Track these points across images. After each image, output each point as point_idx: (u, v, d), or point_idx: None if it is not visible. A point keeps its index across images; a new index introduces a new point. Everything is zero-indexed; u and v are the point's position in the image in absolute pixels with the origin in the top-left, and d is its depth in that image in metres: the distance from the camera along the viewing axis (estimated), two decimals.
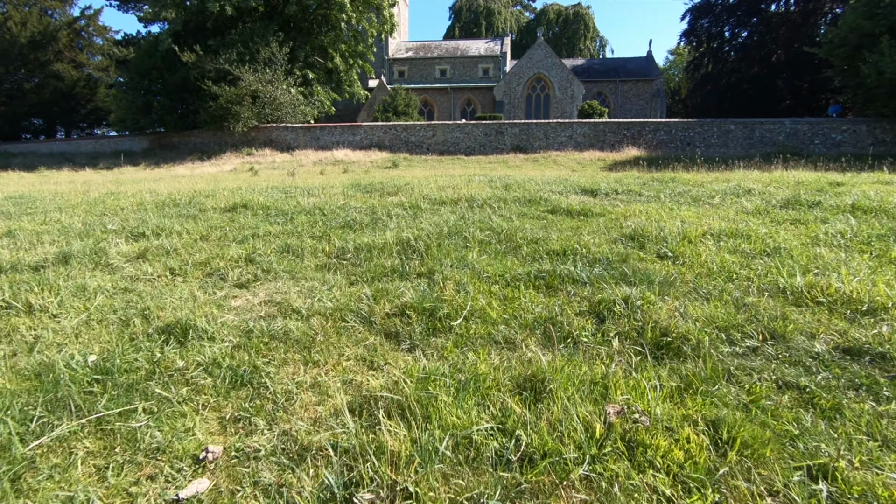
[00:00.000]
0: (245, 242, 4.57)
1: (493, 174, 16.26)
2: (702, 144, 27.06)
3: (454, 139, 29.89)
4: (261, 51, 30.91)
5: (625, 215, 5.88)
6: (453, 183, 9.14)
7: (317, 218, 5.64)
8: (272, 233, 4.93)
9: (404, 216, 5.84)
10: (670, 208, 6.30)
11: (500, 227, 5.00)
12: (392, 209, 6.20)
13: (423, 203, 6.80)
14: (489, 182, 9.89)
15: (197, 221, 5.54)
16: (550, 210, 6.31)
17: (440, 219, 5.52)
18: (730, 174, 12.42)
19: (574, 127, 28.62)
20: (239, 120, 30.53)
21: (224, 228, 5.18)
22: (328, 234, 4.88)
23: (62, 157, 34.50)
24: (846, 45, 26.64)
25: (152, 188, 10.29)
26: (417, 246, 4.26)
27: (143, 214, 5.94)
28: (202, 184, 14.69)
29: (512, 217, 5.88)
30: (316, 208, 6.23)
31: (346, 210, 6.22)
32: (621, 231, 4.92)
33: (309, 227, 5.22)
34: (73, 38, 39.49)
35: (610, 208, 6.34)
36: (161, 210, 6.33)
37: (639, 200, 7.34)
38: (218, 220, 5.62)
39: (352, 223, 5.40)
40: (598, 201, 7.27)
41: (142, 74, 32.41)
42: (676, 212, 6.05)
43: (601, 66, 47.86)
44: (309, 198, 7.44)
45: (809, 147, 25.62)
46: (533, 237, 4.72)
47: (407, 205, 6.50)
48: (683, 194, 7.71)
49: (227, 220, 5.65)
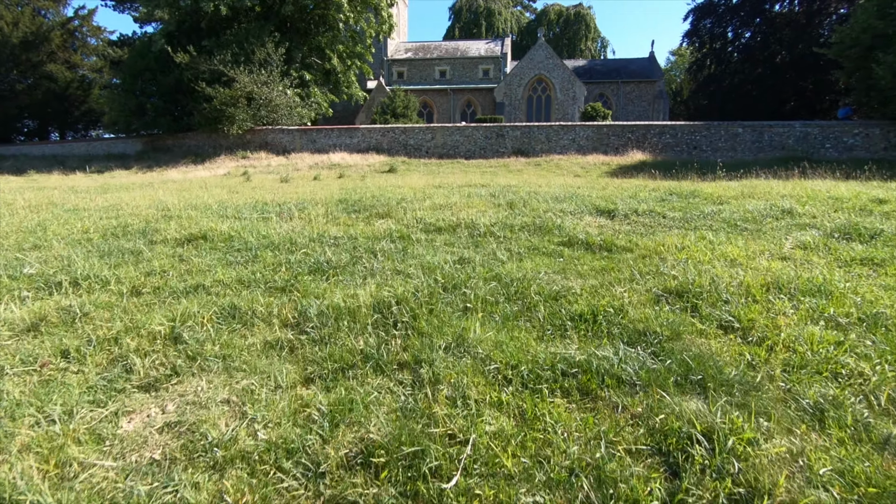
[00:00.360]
0: (183, 299, 3.50)
1: (495, 182, 15.18)
2: (709, 148, 25.97)
3: (454, 142, 28.80)
4: (256, 52, 29.80)
5: (657, 251, 4.81)
6: (451, 200, 8.06)
7: (284, 257, 4.55)
8: (223, 281, 3.86)
9: (391, 252, 4.76)
10: (709, 240, 5.23)
11: (508, 275, 3.91)
12: (378, 242, 5.12)
13: (416, 230, 5.73)
14: (491, 197, 8.81)
15: (138, 262, 4.47)
16: (566, 242, 5.23)
17: (434, 259, 4.45)
18: (751, 185, 11.33)
19: (577, 130, 27.52)
20: (234, 122, 29.44)
21: (167, 273, 4.11)
22: (292, 283, 3.81)
23: (54, 160, 33.42)
24: (857, 45, 25.53)
25: (118, 203, 9.20)
26: (401, 313, 3.19)
27: (79, 250, 4.86)
28: (185, 193, 13.61)
29: (521, 253, 4.81)
30: (288, 240, 5.15)
31: (324, 242, 5.15)
32: (661, 281, 3.84)
33: (272, 272, 4.14)
34: (66, 39, 38.28)
35: (636, 239, 5.27)
36: (106, 241, 5.27)
37: (665, 225, 6.27)
38: (165, 261, 4.54)
39: (325, 265, 4.31)
40: (618, 226, 6.21)
41: (135, 76, 31.30)
42: (718, 246, 4.98)
43: (603, 67, 46.71)
44: (285, 222, 6.36)
45: (820, 151, 24.52)
46: (550, 290, 3.65)
47: (396, 234, 5.42)
48: (714, 216, 6.64)
49: (177, 259, 4.58)
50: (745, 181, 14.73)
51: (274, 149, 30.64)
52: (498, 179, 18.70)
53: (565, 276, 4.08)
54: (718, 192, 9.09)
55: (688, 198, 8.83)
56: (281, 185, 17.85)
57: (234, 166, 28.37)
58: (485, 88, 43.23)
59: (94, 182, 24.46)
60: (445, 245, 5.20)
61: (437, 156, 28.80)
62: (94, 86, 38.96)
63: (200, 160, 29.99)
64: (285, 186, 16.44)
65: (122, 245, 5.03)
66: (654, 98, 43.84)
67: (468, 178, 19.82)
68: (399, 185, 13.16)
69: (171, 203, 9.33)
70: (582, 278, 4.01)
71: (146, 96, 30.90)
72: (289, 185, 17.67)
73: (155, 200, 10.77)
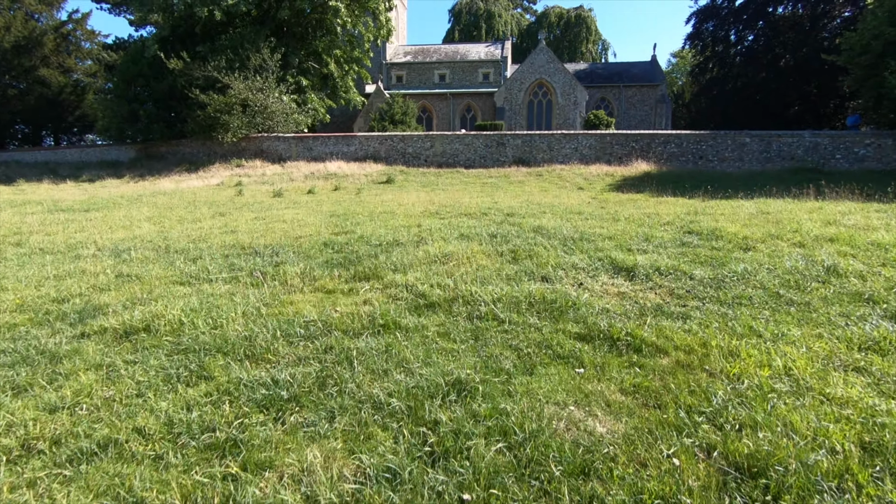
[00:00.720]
0: (71, 484, 2.54)
1: (495, 202, 14.20)
2: (715, 158, 24.98)
3: (453, 151, 27.81)
4: (251, 57, 28.76)
5: (700, 358, 3.84)
6: (448, 248, 7.07)
7: (236, 374, 3.58)
8: (146, 431, 2.88)
9: (371, 357, 3.80)
10: (759, 334, 4.26)
11: (519, 424, 2.95)
12: (356, 339, 4.16)
13: (404, 311, 4.77)
14: (492, 241, 7.82)
15: (52, 380, 3.51)
16: (585, 335, 4.27)
17: (424, 377, 3.48)
18: (768, 209, 10.31)
19: (579, 138, 26.52)
20: (228, 130, 28.44)
21: (80, 408, 3.15)
22: (235, 438, 2.86)
23: (45, 167, 32.45)
24: (868, 52, 24.51)
25: (85, 240, 8.15)
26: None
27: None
28: (169, 215, 12.57)
29: (531, 356, 3.85)
30: (245, 340, 4.17)
31: (291, 339, 4.18)
32: (723, 437, 2.87)
33: (213, 407, 3.18)
34: (59, 43, 37.16)
35: (669, 329, 4.31)
36: (30, 332, 4.31)
37: (696, 293, 5.31)
38: (86, 379, 3.56)
39: (285, 393, 3.35)
40: (641, 295, 5.24)
41: (127, 82, 30.28)
42: (773, 346, 4.02)
43: (604, 71, 45.61)
44: (256, 287, 5.41)
45: (830, 162, 23.53)
46: (575, 454, 2.69)
47: (380, 321, 4.45)
48: (749, 279, 5.66)
49: (104, 375, 3.62)
50: (759, 200, 13.74)
51: (269, 157, 29.65)
52: (498, 196, 17.71)
53: (590, 410, 3.12)
54: (743, 233, 8.10)
55: (709, 239, 7.85)
56: (273, 203, 16.88)
57: (228, 175, 27.38)
58: (485, 93, 42.14)
59: (83, 194, 23.48)
60: (439, 337, 4.24)
61: (436, 164, 27.82)
62: (88, 90, 37.88)
63: (194, 168, 29.00)
64: (275, 206, 15.46)
65: (43, 344, 4.07)
66: (657, 102, 42.78)
67: (467, 193, 18.81)
68: (394, 211, 12.17)
69: (144, 235, 8.27)
70: (613, 417, 3.04)
71: (139, 103, 29.89)
72: (280, 202, 16.69)
73: (128, 235, 9.79)
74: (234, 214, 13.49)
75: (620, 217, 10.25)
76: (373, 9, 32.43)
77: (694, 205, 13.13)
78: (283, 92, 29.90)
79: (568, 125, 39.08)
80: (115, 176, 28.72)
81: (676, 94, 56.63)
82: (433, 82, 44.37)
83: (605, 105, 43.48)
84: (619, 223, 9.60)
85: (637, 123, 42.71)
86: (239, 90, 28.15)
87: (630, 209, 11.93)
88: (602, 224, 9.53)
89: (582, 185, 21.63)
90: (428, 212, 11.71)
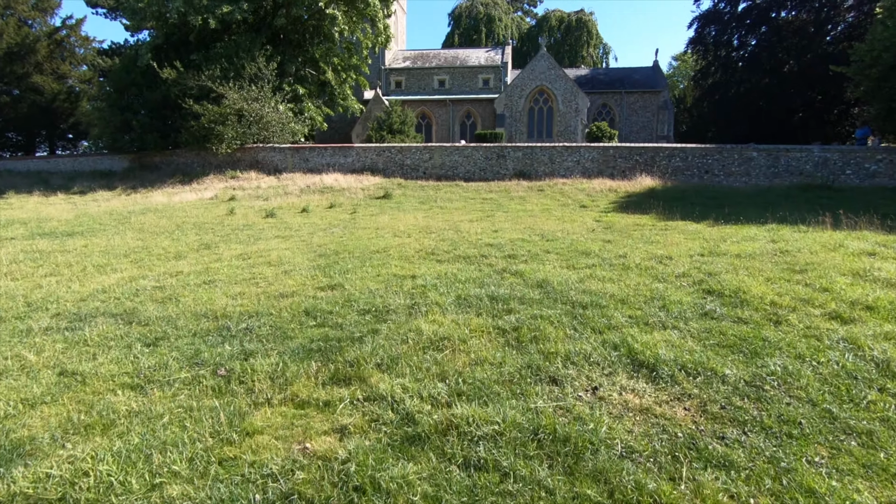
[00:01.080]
0: None
1: (496, 230, 13.28)
2: (721, 172, 24.06)
3: (452, 162, 26.90)
4: (246, 66, 27.82)
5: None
6: (444, 328, 6.19)
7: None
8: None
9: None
10: (821, 499, 3.38)
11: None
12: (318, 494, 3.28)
13: (385, 447, 3.89)
14: (492, 306, 6.93)
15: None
16: (609, 496, 3.39)
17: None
18: (787, 246, 9.40)
19: (582, 151, 25.59)
20: (222, 141, 27.52)
21: None
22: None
23: (38, 177, 31.55)
24: (878, 64, 23.59)
25: (48, 297, 7.20)
26: None
27: None
28: (150, 244, 11.64)
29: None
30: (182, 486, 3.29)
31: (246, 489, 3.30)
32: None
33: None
34: (53, 49, 36.10)
35: (712, 498, 3.44)
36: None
37: (726, 402, 4.42)
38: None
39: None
40: (667, 404, 4.35)
41: (120, 91, 29.30)
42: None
43: (606, 77, 44.57)
44: (216, 398, 4.53)
45: (840, 177, 22.61)
46: None
47: (354, 479, 3.56)
48: (791, 385, 4.77)
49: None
50: (772, 228, 12.83)
51: (265, 168, 28.76)
52: (498, 218, 16.78)
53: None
54: (769, 296, 7.17)
55: (733, 305, 6.93)
56: (264, 226, 15.99)
57: (222, 188, 26.48)
58: (485, 99, 41.14)
59: (71, 210, 22.58)
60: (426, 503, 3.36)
61: (434, 177, 26.92)
62: (82, 97, 36.83)
63: (188, 180, 28.10)
64: (266, 233, 14.57)
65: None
66: (659, 108, 41.79)
67: (466, 214, 17.89)
68: (388, 249, 11.27)
69: (114, 288, 7.35)
70: None
71: (132, 112, 28.92)
72: (271, 226, 15.79)
73: (98, 288, 8.89)
74: (219, 248, 12.58)
75: (630, 263, 9.33)
76: (371, 16, 31.44)
77: (704, 235, 12.22)
78: (280, 101, 28.98)
79: (569, 132, 38.11)
80: (107, 188, 27.81)
81: (678, 97, 55.61)
82: (433, 88, 43.34)
83: (606, 111, 42.50)
84: (629, 273, 8.68)
85: (639, 130, 41.76)
86: (234, 100, 27.23)
87: (638, 245, 11.00)
88: (611, 275, 8.62)
89: (585, 203, 20.71)
90: (424, 251, 10.81)
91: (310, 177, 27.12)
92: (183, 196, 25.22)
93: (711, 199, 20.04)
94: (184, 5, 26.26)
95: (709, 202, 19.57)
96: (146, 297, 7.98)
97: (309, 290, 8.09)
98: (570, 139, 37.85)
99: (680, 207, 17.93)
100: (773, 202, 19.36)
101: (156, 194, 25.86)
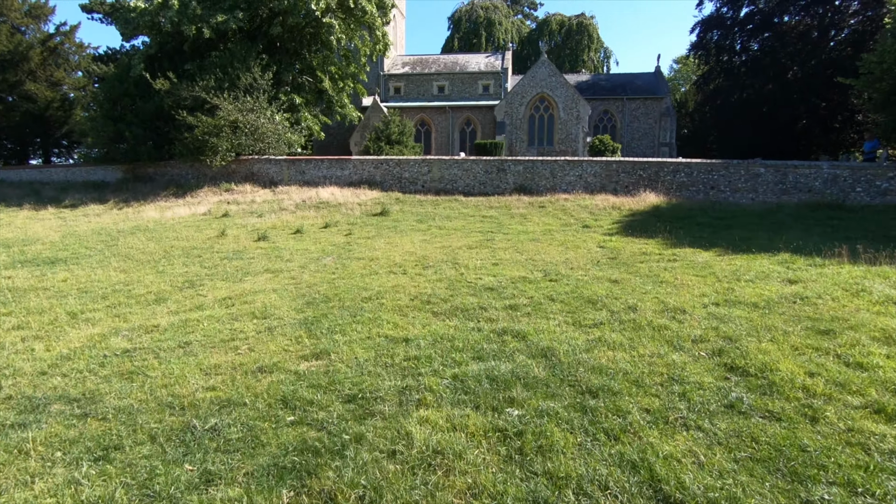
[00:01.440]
0: None
1: (496, 261, 12.46)
2: (727, 189, 23.20)
3: (451, 176, 26.06)
4: (241, 77, 26.95)
5: None
6: (434, 440, 5.37)
7: None
8: None
9: None
10: None
11: None
12: None
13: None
14: (492, 395, 6.14)
15: None
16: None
17: None
18: (825, 326, 8.60)
19: (584, 166, 24.75)
20: (217, 153, 26.65)
21: None
22: None
23: (30, 188, 30.74)
24: (887, 78, 22.71)
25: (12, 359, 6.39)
26: None
27: None
28: (133, 279, 10.85)
29: None
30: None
31: None
32: None
33: None
34: (47, 57, 35.17)
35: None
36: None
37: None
38: None
39: None
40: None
41: (113, 101, 28.43)
42: None
43: (607, 83, 43.63)
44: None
45: (850, 195, 21.74)
46: None
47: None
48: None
49: None
50: (787, 260, 12.03)
51: (260, 180, 27.91)
52: (498, 244, 15.91)
53: None
54: (800, 377, 6.36)
55: (762, 392, 6.12)
56: (254, 254, 15.18)
57: (216, 202, 25.64)
58: (485, 106, 40.22)
59: (60, 227, 21.77)
60: None
61: (433, 191, 26.10)
62: (76, 105, 35.95)
63: (182, 192, 27.26)
64: (255, 263, 13.77)
65: None
66: (661, 115, 40.89)
67: (465, 238, 17.06)
68: (381, 297, 10.46)
69: (80, 351, 6.54)
70: None
71: (125, 123, 28.05)
72: (262, 254, 14.98)
73: (62, 352, 8.10)
74: (204, 285, 11.77)
75: (642, 320, 8.49)
76: (369, 23, 30.53)
77: (715, 272, 11.40)
78: (276, 111, 28.12)
79: (570, 140, 37.25)
80: (99, 201, 26.96)
81: (679, 101, 54.66)
82: (432, 94, 42.43)
83: (608, 118, 41.61)
84: (641, 337, 7.86)
85: (640, 137, 40.89)
86: (228, 111, 26.37)
87: (647, 288, 10.18)
88: (622, 339, 7.78)
89: (588, 223, 19.86)
90: (419, 299, 9.99)
91: (306, 190, 26.28)
92: (176, 211, 24.39)
93: (719, 220, 19.20)
94: (177, 15, 25.38)
95: (716, 223, 18.75)
96: (112, 371, 7.16)
97: (291, 360, 7.27)
98: (572, 147, 37.00)
99: (686, 230, 17.14)
100: (783, 223, 18.54)
101: (148, 209, 25.04)
